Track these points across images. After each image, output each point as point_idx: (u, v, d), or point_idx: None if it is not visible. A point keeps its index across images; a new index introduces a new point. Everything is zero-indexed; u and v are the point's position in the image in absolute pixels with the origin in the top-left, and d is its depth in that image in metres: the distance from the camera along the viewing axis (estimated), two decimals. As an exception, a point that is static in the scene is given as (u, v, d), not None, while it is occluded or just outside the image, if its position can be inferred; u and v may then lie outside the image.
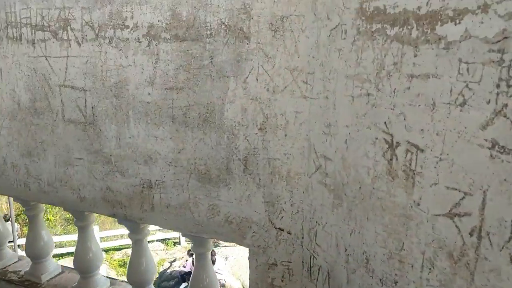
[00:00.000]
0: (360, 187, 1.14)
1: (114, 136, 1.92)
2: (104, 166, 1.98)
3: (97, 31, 1.87)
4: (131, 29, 1.78)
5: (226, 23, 1.56)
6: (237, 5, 1.53)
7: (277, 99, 1.51)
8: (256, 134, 1.57)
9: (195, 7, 1.61)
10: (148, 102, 1.79)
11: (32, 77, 2.11)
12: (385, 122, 1.04)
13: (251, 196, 1.59)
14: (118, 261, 10.49)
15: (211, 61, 1.62)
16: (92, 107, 1.96)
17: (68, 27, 1.94)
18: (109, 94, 1.89)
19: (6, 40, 2.15)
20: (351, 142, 1.19)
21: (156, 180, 1.84)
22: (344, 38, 1.22)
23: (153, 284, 2.24)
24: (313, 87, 1.42)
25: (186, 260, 7.67)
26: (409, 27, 0.96)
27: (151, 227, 2.23)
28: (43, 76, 2.08)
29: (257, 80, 1.54)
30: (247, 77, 1.56)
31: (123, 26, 1.79)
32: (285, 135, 1.51)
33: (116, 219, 2.06)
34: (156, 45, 1.73)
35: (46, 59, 2.05)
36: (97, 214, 2.22)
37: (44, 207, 2.44)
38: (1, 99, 2.24)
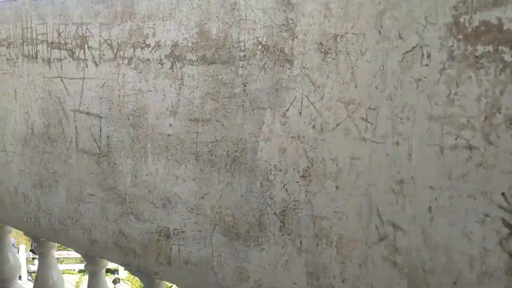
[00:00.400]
0: (455, 282, 0.78)
1: (130, 172, 1.64)
2: (117, 206, 1.70)
3: (115, 50, 1.62)
4: (152, 49, 1.51)
5: (264, 43, 1.26)
6: (278, 21, 1.22)
7: (326, 140, 1.18)
8: (298, 182, 1.23)
9: (226, 23, 1.32)
10: (169, 134, 1.51)
11: (47, 100, 1.89)
12: (503, 194, 0.68)
13: (289, 263, 1.24)
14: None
15: (244, 89, 1.31)
16: (107, 137, 1.69)
17: (86, 45, 1.71)
18: (126, 123, 1.62)
19: (22, 58, 1.96)
20: (439, 212, 0.83)
21: (175, 229, 1.53)
22: (427, 65, 0.88)
23: None
24: (376, 127, 1.07)
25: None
26: (554, 50, 0.60)
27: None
28: (58, 99, 1.85)
29: (300, 114, 1.21)
30: (287, 110, 1.24)
31: (143, 45, 1.53)
32: (336, 187, 1.17)
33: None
34: (181, 68, 1.44)
35: (62, 80, 1.82)
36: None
37: (56, 244, 2.19)
38: (15, 123, 2.04)
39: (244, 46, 1.29)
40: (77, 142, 1.81)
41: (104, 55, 1.66)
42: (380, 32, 1.04)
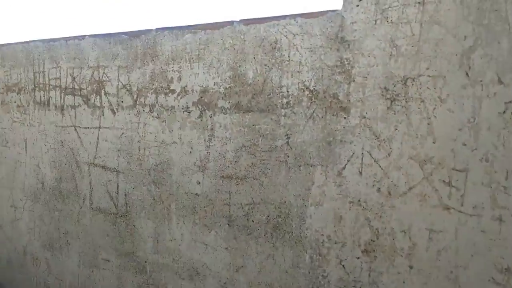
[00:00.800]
0: None
1: (151, 236, 1.42)
2: (136, 275, 1.47)
3: (135, 96, 1.44)
4: (177, 95, 1.32)
5: (312, 88, 1.05)
6: (330, 62, 1.02)
7: (395, 207, 0.94)
8: (359, 258, 0.99)
9: (266, 65, 1.12)
10: (196, 194, 1.29)
11: (59, 151, 1.71)
12: None
13: None
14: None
15: (287, 142, 1.10)
16: (125, 195, 1.49)
17: (102, 90, 1.54)
18: (146, 179, 1.42)
19: (33, 105, 1.80)
20: None
21: (204, 305, 1.29)
22: (553, 119, 0.65)
23: None
24: (464, 195, 0.84)
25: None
26: None
27: None
28: (71, 151, 1.67)
29: (360, 173, 0.99)
30: (343, 168, 1.02)
31: (167, 90, 1.35)
32: (410, 267, 0.92)
33: None
34: (211, 117, 1.25)
35: (75, 129, 1.64)
36: None
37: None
38: (24, 176, 1.86)
39: (287, 91, 1.09)
40: (92, 199, 1.61)
41: (122, 101, 1.48)
42: (467, 74, 0.83)
